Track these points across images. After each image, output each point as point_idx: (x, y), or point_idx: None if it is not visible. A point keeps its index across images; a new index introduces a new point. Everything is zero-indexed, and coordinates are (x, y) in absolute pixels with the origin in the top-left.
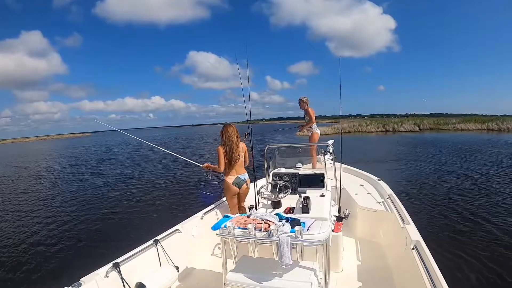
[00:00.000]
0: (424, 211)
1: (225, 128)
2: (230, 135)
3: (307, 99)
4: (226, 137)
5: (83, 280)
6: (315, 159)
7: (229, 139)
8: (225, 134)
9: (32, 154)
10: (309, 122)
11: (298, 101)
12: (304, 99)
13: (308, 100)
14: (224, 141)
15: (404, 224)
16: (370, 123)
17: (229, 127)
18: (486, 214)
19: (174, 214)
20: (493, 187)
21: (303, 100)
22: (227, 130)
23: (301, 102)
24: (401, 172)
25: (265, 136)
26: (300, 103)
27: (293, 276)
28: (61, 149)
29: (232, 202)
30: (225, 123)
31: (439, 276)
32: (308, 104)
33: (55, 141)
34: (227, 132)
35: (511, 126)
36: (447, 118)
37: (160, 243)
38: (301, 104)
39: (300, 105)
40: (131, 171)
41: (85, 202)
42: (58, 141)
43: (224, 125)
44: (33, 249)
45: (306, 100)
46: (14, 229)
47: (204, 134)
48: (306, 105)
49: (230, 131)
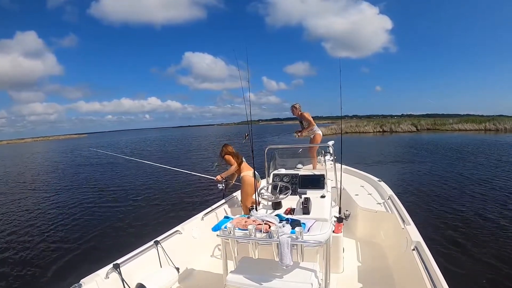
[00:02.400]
0: (425, 211)
1: (226, 147)
2: (230, 149)
3: (299, 106)
4: (227, 151)
5: (84, 281)
6: (315, 160)
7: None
8: (227, 150)
9: (32, 154)
10: (309, 126)
11: (291, 108)
12: (297, 105)
13: (300, 106)
14: (227, 151)
15: (404, 224)
16: (368, 123)
17: (228, 146)
18: (486, 214)
19: (174, 215)
20: (493, 187)
21: (296, 107)
22: (227, 148)
23: (294, 109)
24: (401, 173)
25: (263, 137)
26: (293, 110)
27: (294, 277)
28: (61, 151)
29: (249, 200)
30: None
31: (440, 277)
32: (301, 109)
33: (50, 143)
34: (227, 149)
35: (509, 126)
36: (444, 119)
37: (160, 244)
38: (294, 111)
39: (293, 112)
40: (131, 172)
41: (85, 203)
42: (54, 143)
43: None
44: (33, 251)
45: (298, 107)
46: (14, 231)
47: (202, 135)
48: (299, 110)
49: (230, 148)
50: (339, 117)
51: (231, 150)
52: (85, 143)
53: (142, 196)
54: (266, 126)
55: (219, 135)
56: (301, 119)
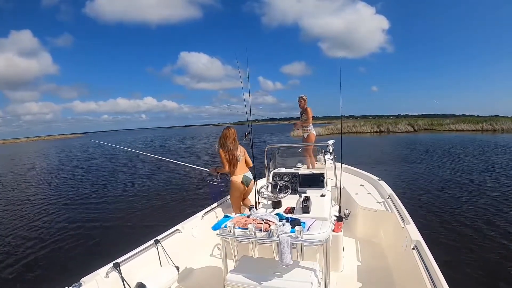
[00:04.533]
0: (425, 211)
1: (223, 131)
2: (226, 138)
3: (306, 97)
4: (223, 140)
5: (84, 280)
6: (312, 159)
7: (225, 142)
8: (223, 138)
9: (30, 154)
10: (306, 122)
11: (298, 99)
12: (305, 97)
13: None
14: (222, 143)
15: (404, 224)
16: (365, 123)
17: (226, 130)
18: (486, 214)
19: (174, 214)
20: (493, 187)
21: (304, 98)
22: (224, 134)
23: (302, 101)
24: (401, 173)
25: (260, 137)
26: (300, 101)
27: (294, 276)
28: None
29: (238, 202)
30: (227, 126)
31: (440, 276)
32: (306, 103)
33: (46, 142)
34: (224, 135)
35: (506, 126)
36: (441, 119)
37: (160, 243)
38: (301, 103)
39: (300, 104)
40: (130, 171)
41: (85, 202)
42: (50, 142)
43: (224, 129)
44: (33, 250)
45: (306, 99)
46: (13, 230)
47: (199, 135)
48: (306, 103)
49: (226, 134)
50: (335, 117)
51: (226, 141)
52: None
53: (142, 196)
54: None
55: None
56: (302, 112)
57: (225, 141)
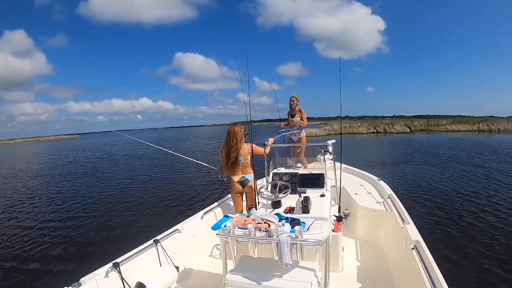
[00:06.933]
0: (424, 211)
1: (229, 128)
2: (230, 135)
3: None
4: (227, 138)
5: (83, 280)
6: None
7: (228, 140)
8: (227, 136)
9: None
10: (300, 122)
11: (291, 99)
12: (298, 97)
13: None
14: (226, 142)
15: (404, 224)
16: (361, 124)
17: (232, 127)
18: (486, 214)
19: (174, 214)
20: (492, 187)
21: (297, 98)
22: (228, 131)
23: (295, 100)
24: (400, 173)
25: (260, 137)
26: (293, 101)
27: (293, 276)
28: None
29: (238, 201)
30: (234, 122)
31: (439, 276)
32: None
33: (41, 143)
34: (228, 132)
35: (502, 127)
36: (437, 120)
37: (160, 243)
38: (294, 103)
39: (293, 104)
40: (130, 171)
41: (85, 202)
42: (45, 143)
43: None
44: (32, 250)
45: (299, 99)
46: (13, 230)
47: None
48: (298, 104)
49: (231, 131)
50: (331, 118)
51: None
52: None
53: (142, 196)
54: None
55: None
56: (293, 113)
57: (228, 139)
